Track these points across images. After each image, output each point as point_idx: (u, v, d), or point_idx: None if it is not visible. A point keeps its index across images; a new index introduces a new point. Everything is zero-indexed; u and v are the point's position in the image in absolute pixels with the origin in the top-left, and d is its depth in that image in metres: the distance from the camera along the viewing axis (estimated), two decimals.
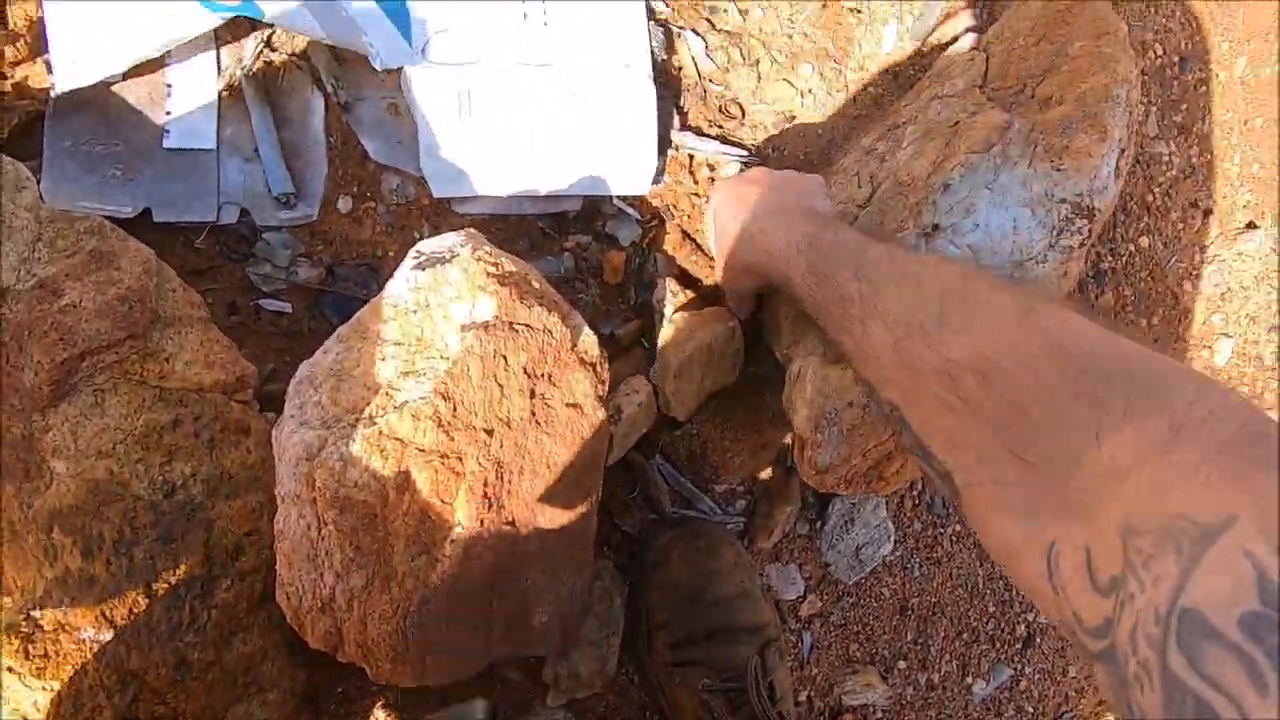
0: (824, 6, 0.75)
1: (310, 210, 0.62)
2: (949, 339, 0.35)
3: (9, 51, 0.58)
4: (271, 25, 0.61)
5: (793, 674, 0.68)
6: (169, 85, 0.61)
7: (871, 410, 0.47)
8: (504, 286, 0.49)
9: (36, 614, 0.44)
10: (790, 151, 0.73)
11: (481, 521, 0.49)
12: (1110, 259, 0.82)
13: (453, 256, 0.50)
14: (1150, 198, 0.84)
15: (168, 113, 0.61)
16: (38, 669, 0.43)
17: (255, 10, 0.57)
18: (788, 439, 0.68)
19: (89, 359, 0.47)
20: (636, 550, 0.66)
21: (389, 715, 0.62)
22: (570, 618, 0.56)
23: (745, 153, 0.71)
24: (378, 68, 0.62)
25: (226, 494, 0.51)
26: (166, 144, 0.60)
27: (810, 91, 0.74)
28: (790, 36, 0.75)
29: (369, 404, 0.47)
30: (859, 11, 0.76)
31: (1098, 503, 0.27)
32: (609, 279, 0.67)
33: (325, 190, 0.62)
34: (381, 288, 0.64)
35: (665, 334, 0.63)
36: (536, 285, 0.52)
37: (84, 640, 0.44)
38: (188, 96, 0.61)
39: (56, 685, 0.43)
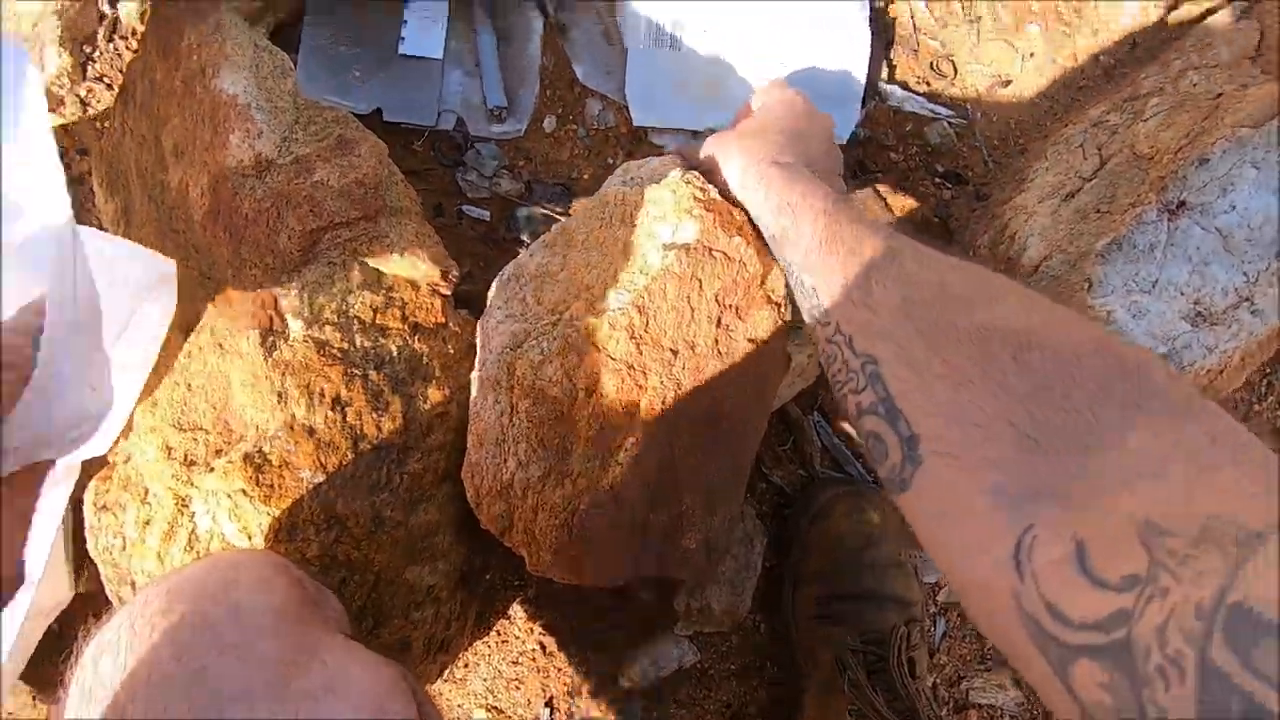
0: None
1: (519, 126, 0.64)
2: (982, 305, 0.34)
3: None
4: None
5: None
6: None
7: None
8: (709, 213, 0.50)
9: (267, 449, 0.49)
10: (1000, 117, 0.69)
11: (655, 437, 0.50)
12: None
13: (662, 178, 0.51)
14: None
15: (405, 22, 0.65)
16: (265, 495, 0.48)
17: None
18: None
19: (330, 233, 0.52)
20: (781, 502, 0.66)
21: (525, 610, 0.66)
22: (716, 549, 0.57)
23: (951, 112, 0.68)
24: None
25: (423, 376, 0.55)
26: (401, 50, 0.64)
27: (1032, 55, 0.69)
28: None
29: (569, 308, 0.49)
30: None
31: (1105, 496, 0.26)
32: None
33: (534, 108, 0.65)
34: (570, 206, 0.66)
35: None
36: (737, 217, 0.52)
37: (302, 479, 0.49)
38: (424, 8, 0.65)
39: (276, 512, 0.48)
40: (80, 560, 0.60)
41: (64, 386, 0.31)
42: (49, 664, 0.60)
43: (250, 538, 0.49)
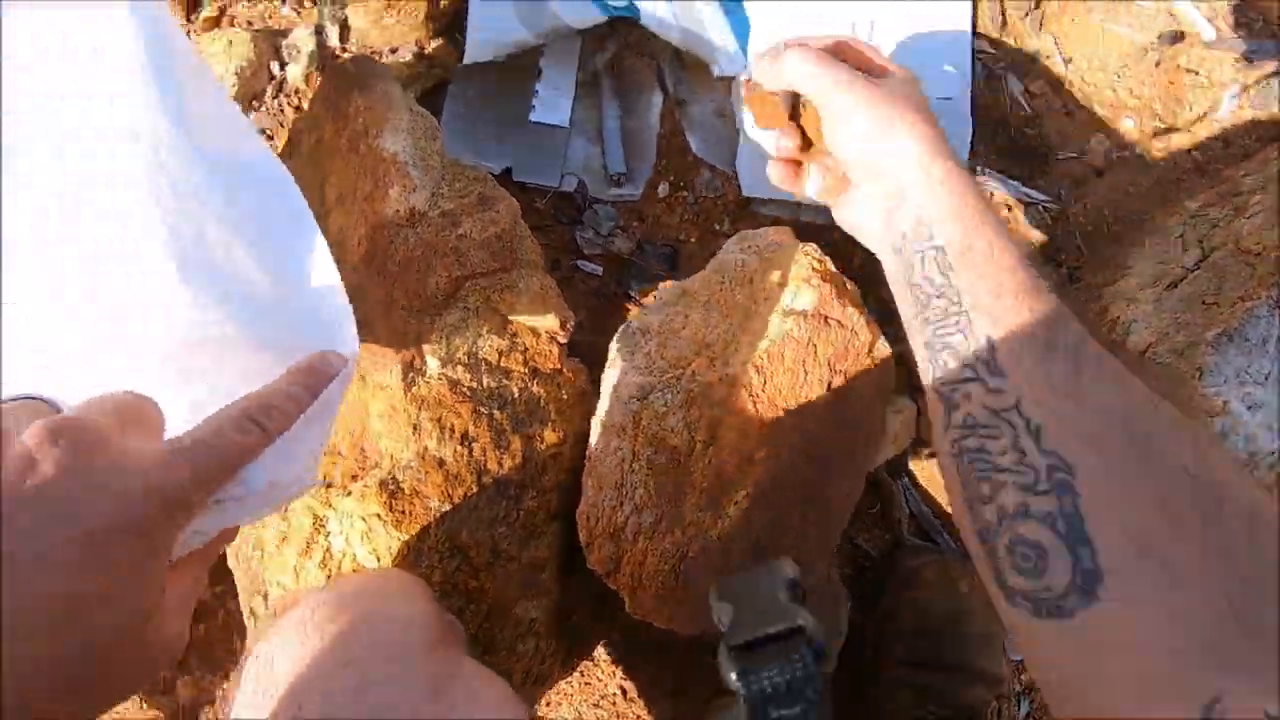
0: (1158, 65, 0.73)
1: (635, 191, 0.69)
2: (1216, 459, 0.31)
3: (430, 28, 0.71)
4: (637, 26, 0.69)
5: None
6: (541, 70, 0.71)
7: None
8: (825, 283, 0.53)
9: (400, 477, 0.53)
10: (1094, 205, 0.71)
11: (765, 493, 0.52)
12: None
13: (780, 248, 0.55)
14: None
15: (536, 92, 0.71)
16: (396, 521, 0.52)
17: (635, 12, 0.66)
18: None
19: (470, 281, 0.57)
20: (865, 565, 0.67)
21: (608, 653, 0.67)
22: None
23: (1046, 198, 0.71)
24: (715, 74, 0.69)
25: (540, 419, 0.58)
26: (531, 117, 0.70)
27: (1127, 147, 0.72)
28: (1114, 90, 0.73)
29: (691, 364, 0.52)
30: (1196, 73, 0.73)
31: None
32: (889, 298, 0.68)
33: (650, 175, 0.70)
34: (676, 267, 0.70)
35: None
36: (850, 288, 0.55)
37: (430, 508, 0.52)
38: (554, 80, 0.71)
39: (406, 538, 0.52)
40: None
41: (304, 449, 0.34)
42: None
43: (379, 560, 0.52)
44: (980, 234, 0.37)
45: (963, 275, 0.37)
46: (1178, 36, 0.73)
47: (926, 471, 0.67)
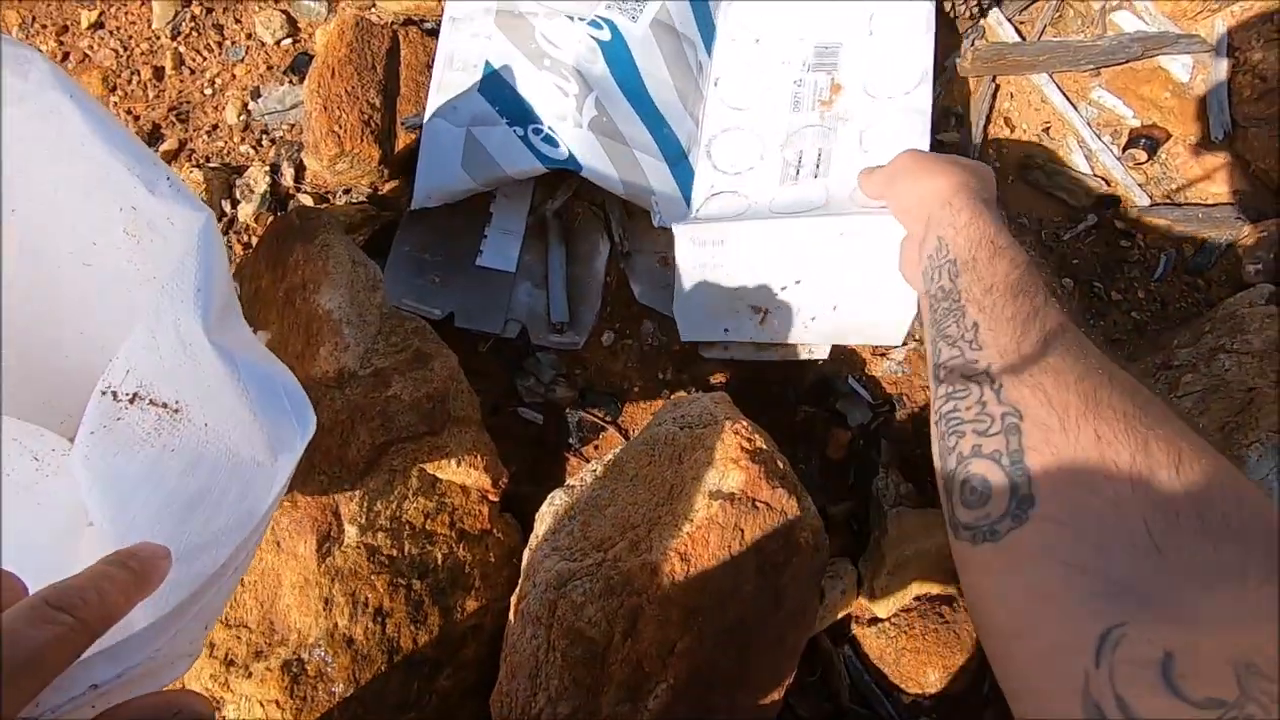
0: (1095, 228, 0.75)
1: (578, 339, 0.69)
2: (1157, 409, 0.34)
3: (383, 171, 0.72)
4: (582, 178, 0.71)
5: None
6: (490, 214, 0.72)
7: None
8: (754, 464, 0.52)
9: (306, 658, 0.50)
10: None
11: (691, 681, 0.50)
12: None
13: (711, 423, 0.54)
14: None
15: (484, 236, 0.72)
16: (296, 709, 0.49)
17: (577, 165, 0.67)
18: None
19: (396, 445, 0.56)
20: None
21: None
22: None
23: None
24: (656, 224, 0.70)
25: (463, 586, 0.56)
26: (478, 262, 0.70)
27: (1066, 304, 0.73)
28: (1053, 249, 0.75)
29: (615, 546, 0.51)
30: (1133, 236, 0.75)
31: (1212, 627, 0.26)
32: (831, 454, 0.68)
33: (594, 323, 0.70)
34: (619, 416, 0.69)
35: (886, 527, 0.62)
36: (780, 466, 0.54)
37: (334, 694, 0.50)
38: (503, 225, 0.72)
39: None
40: None
41: (189, 624, 0.31)
42: None
43: None
44: (983, 248, 0.45)
45: (963, 278, 0.44)
46: (1113, 201, 0.75)
47: (869, 639, 0.64)
